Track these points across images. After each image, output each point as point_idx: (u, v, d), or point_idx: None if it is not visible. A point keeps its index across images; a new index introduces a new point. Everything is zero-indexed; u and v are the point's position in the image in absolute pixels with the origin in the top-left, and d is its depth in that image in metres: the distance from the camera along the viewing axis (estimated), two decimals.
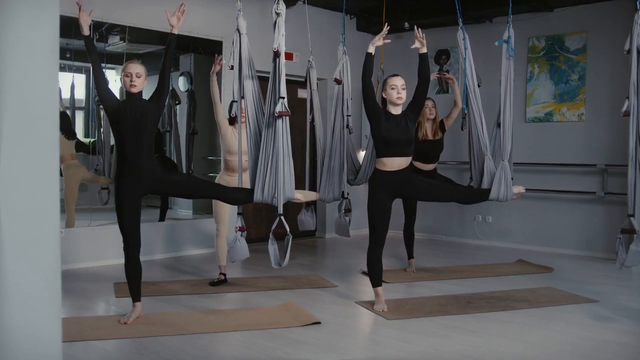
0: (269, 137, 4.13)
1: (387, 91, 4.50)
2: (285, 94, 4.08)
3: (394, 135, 4.39)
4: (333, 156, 5.31)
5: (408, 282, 5.59)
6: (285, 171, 4.12)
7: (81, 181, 6.38)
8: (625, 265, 4.34)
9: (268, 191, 4.16)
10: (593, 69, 7.13)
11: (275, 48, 4.06)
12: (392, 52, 8.49)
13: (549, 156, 7.39)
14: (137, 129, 4.02)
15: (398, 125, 4.42)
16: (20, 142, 2.34)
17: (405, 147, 4.44)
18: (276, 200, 4.14)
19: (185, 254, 6.79)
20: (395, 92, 4.48)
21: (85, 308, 4.62)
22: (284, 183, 4.12)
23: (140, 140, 4.03)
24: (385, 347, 3.77)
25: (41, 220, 2.41)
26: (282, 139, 4.09)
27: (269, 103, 4.14)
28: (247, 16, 4.36)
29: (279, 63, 4.10)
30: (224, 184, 5.15)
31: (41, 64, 2.40)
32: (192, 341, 3.79)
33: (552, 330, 4.11)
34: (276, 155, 4.10)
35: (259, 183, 4.17)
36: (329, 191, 5.32)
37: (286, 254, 4.09)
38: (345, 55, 5.54)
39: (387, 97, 4.50)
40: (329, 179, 5.30)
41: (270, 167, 4.13)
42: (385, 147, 4.42)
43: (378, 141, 4.46)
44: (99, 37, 6.24)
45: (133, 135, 4.02)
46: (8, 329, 2.33)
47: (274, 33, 4.08)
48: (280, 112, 4.03)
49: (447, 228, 8.26)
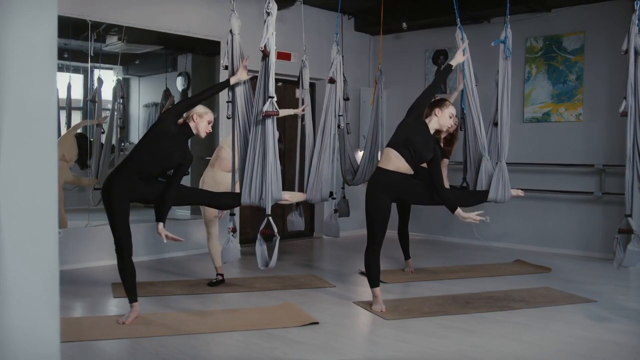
0: (256, 137, 4.11)
1: (445, 115, 4.49)
2: (274, 94, 4.04)
3: (416, 142, 4.37)
4: (322, 156, 5.26)
5: (406, 283, 5.59)
6: (271, 172, 4.08)
7: (64, 182, 6.30)
8: (623, 265, 4.36)
9: (255, 193, 4.14)
10: (591, 69, 7.14)
11: (262, 47, 4.04)
12: (390, 52, 8.52)
13: (546, 156, 7.40)
14: (164, 159, 4.04)
15: (426, 140, 4.42)
16: (19, 142, 2.34)
17: (416, 157, 4.42)
18: (263, 201, 4.12)
19: (184, 254, 6.78)
20: (452, 121, 4.55)
21: (83, 308, 4.62)
22: (271, 184, 4.09)
23: (157, 169, 4.06)
24: (383, 347, 3.77)
25: (40, 221, 2.41)
26: (270, 139, 4.06)
27: (257, 102, 4.13)
28: (244, 16, 4.36)
29: (268, 62, 4.07)
30: (211, 181, 5.16)
31: (40, 64, 2.40)
32: (190, 341, 3.79)
33: (550, 330, 4.11)
34: (264, 155, 4.07)
35: (246, 185, 4.16)
36: (317, 191, 5.26)
37: (273, 255, 4.04)
38: (339, 55, 5.53)
39: (440, 118, 4.49)
40: (316, 180, 5.25)
41: (256, 168, 4.11)
42: (401, 145, 4.41)
43: (398, 137, 4.44)
44: (96, 37, 6.24)
45: (157, 160, 4.03)
46: (6, 329, 2.32)
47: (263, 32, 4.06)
48: (268, 111, 3.99)
49: (445, 228, 8.26)
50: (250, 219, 7.39)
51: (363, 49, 8.84)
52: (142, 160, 4.03)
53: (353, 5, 7.81)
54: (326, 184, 5.29)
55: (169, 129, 4.06)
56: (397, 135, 4.45)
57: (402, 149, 4.38)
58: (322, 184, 5.27)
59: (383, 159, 4.50)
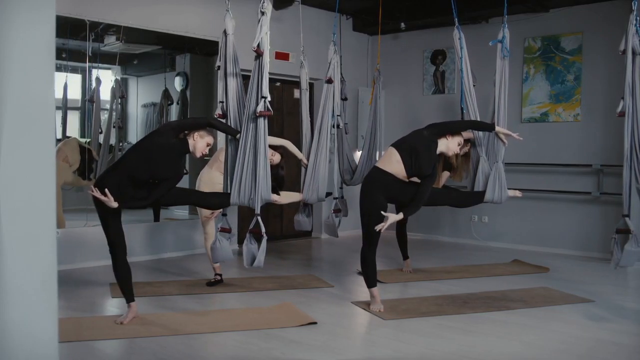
0: (248, 137, 4.10)
1: (455, 141, 4.49)
2: (268, 94, 4.03)
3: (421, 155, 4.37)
4: (318, 156, 5.25)
5: (404, 283, 5.59)
6: (262, 172, 4.08)
7: (63, 182, 6.29)
8: (621, 265, 4.36)
9: (244, 193, 4.12)
10: (589, 69, 7.15)
11: (254, 47, 4.02)
12: (388, 52, 8.52)
13: (544, 156, 7.41)
14: (155, 169, 3.98)
15: (431, 157, 4.42)
16: (17, 142, 2.34)
17: (415, 169, 4.42)
18: (252, 201, 4.11)
19: (182, 254, 6.78)
20: (458, 149, 4.56)
21: (81, 308, 4.61)
22: (260, 184, 4.08)
23: (146, 176, 3.99)
24: (381, 347, 3.77)
25: (38, 220, 2.41)
26: (261, 139, 4.05)
27: (249, 102, 4.11)
28: (242, 16, 4.35)
29: (261, 62, 4.06)
30: (208, 181, 5.16)
31: (38, 64, 2.40)
32: (188, 341, 3.79)
33: (548, 330, 4.12)
34: (255, 155, 4.06)
35: (236, 185, 4.14)
36: (313, 192, 5.24)
37: (259, 254, 4.02)
38: (336, 55, 5.53)
39: (449, 142, 4.48)
40: (312, 180, 5.24)
41: (248, 168, 4.10)
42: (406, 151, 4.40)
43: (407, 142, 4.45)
44: (94, 37, 6.23)
45: (147, 168, 3.96)
46: (5, 329, 2.32)
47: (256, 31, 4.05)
48: (261, 112, 3.98)
49: (443, 228, 8.27)
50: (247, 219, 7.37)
51: (361, 49, 8.84)
52: (134, 167, 3.98)
53: (351, 6, 7.81)
54: (322, 184, 5.27)
55: (167, 142, 4.02)
56: (406, 140, 4.46)
57: (405, 155, 4.38)
58: (319, 184, 5.25)
59: (384, 158, 4.49)
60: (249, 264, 4.07)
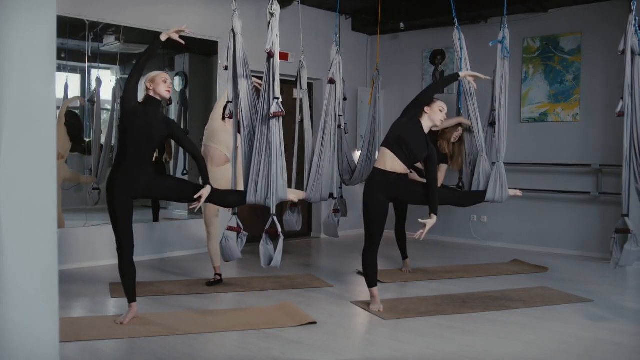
0: (262, 137, 4.13)
1: (434, 110, 4.44)
2: (280, 95, 4.07)
3: (409, 141, 4.37)
4: (322, 156, 5.26)
5: (403, 282, 5.60)
6: (278, 172, 4.11)
7: (63, 180, 6.29)
8: (620, 265, 4.37)
9: (261, 192, 4.15)
10: (588, 69, 7.16)
11: (268, 49, 4.05)
12: (387, 52, 8.52)
13: (543, 156, 7.41)
14: (145, 136, 3.99)
15: (419, 139, 4.40)
16: (18, 142, 2.34)
17: (411, 157, 4.42)
18: (269, 201, 4.13)
19: (181, 254, 6.78)
20: (443, 114, 4.49)
21: (81, 308, 4.62)
22: (277, 184, 4.11)
23: (143, 147, 4.01)
24: (380, 347, 3.78)
25: (38, 220, 2.41)
26: (276, 139, 4.09)
27: (262, 103, 4.14)
28: (243, 17, 4.36)
29: (273, 63, 4.09)
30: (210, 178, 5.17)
31: (39, 64, 2.40)
32: (188, 341, 3.79)
33: (547, 329, 4.12)
34: (269, 155, 4.10)
35: (252, 184, 4.17)
36: (317, 191, 5.26)
37: (276, 254, 4.05)
38: (338, 55, 5.54)
39: (430, 114, 4.44)
40: (317, 179, 5.25)
41: (263, 168, 4.13)
42: (395, 144, 4.40)
43: (391, 136, 4.43)
44: (94, 37, 6.23)
45: (139, 139, 3.98)
46: (5, 329, 2.32)
47: (268, 33, 4.09)
48: (276, 112, 4.03)
49: (442, 228, 8.26)
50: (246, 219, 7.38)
51: (361, 49, 8.84)
52: (130, 150, 3.98)
53: (351, 6, 7.81)
54: (326, 184, 5.30)
55: (134, 109, 3.99)
56: (390, 135, 4.46)
57: (396, 149, 4.38)
58: (323, 183, 5.28)
59: (379, 159, 4.50)
60: (266, 264, 4.10)
